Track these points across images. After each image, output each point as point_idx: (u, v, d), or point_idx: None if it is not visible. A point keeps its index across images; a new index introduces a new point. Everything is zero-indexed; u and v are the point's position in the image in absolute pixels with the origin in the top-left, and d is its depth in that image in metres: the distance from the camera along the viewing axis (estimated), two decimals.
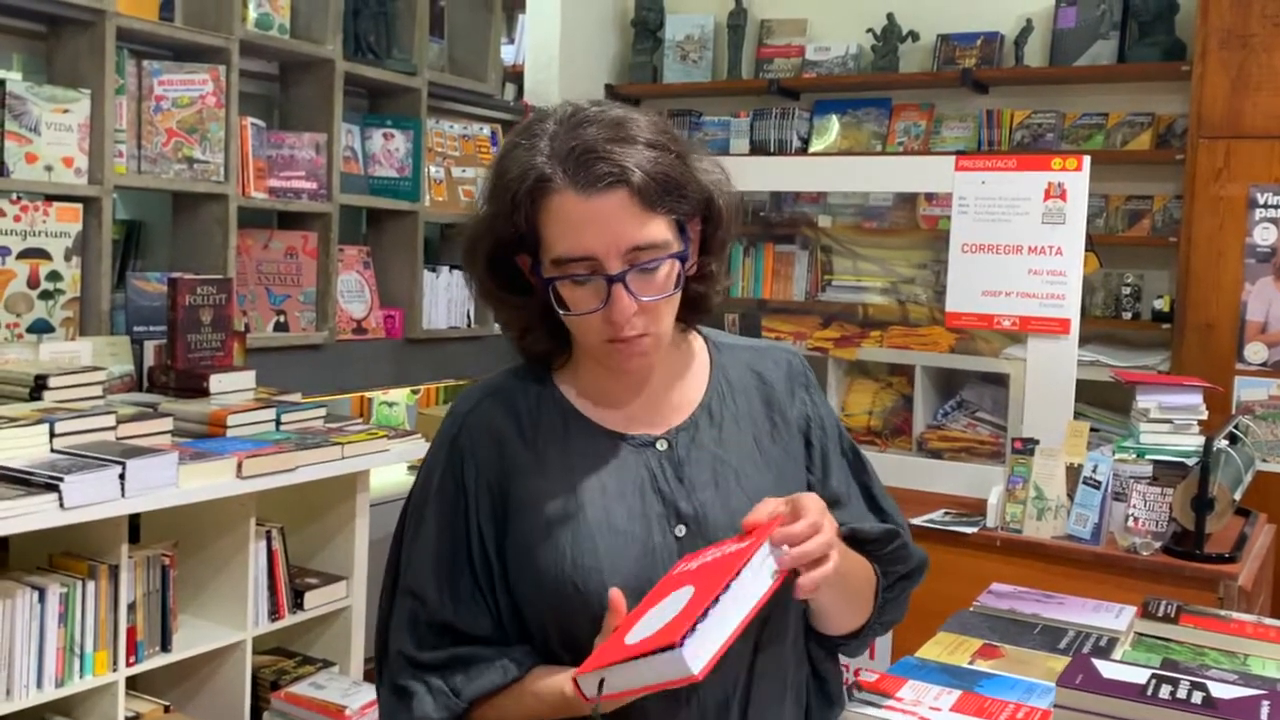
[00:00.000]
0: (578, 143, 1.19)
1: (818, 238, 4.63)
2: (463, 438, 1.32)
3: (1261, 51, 3.97)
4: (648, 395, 1.34)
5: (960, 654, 1.69)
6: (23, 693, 2.26)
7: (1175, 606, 1.88)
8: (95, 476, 2.26)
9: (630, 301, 1.21)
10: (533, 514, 1.27)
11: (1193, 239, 4.10)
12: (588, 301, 1.22)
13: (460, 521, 1.30)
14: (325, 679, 2.87)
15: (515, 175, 1.21)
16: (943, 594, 1.49)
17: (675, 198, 1.22)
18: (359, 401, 4.32)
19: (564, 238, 1.20)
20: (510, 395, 1.34)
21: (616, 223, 1.19)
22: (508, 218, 1.22)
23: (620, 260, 1.20)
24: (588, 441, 1.31)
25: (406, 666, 1.29)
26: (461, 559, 1.29)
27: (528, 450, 1.30)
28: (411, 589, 1.31)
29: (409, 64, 3.88)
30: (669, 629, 1.07)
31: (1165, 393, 3.03)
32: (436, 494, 1.32)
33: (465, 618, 1.28)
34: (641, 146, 1.20)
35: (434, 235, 4.23)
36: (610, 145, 1.19)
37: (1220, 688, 1.32)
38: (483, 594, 1.29)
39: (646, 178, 1.19)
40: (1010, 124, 4.67)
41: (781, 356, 1.44)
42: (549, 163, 1.20)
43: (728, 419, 1.36)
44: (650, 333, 1.25)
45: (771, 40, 5.17)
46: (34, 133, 2.84)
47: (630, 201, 1.19)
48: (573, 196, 1.19)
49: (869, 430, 4.25)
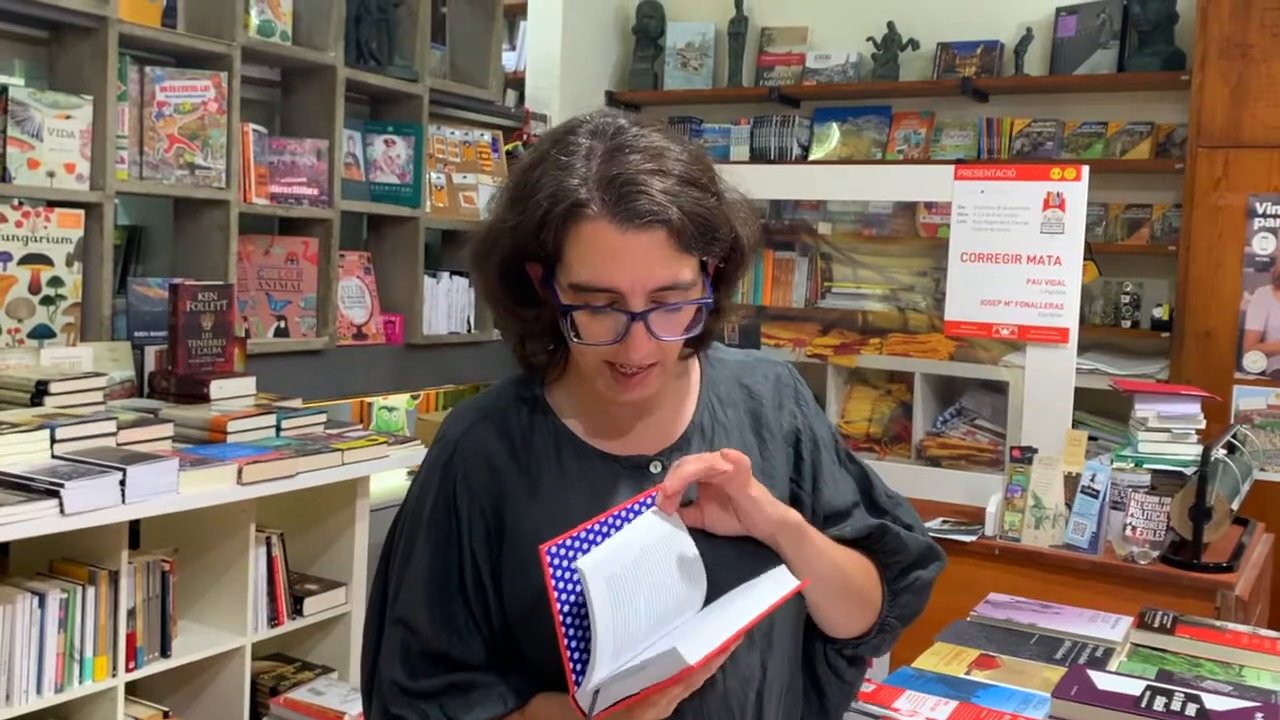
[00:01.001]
0: (620, 172, 1.15)
1: (817, 245, 4.63)
2: (455, 462, 1.29)
3: (1261, 61, 3.98)
4: (641, 414, 1.32)
5: (957, 664, 1.70)
6: (22, 698, 2.27)
7: (1171, 617, 1.89)
8: (96, 482, 2.26)
9: (648, 340, 1.18)
10: (527, 539, 1.23)
11: (1192, 248, 4.11)
12: (603, 333, 1.19)
13: (453, 548, 1.27)
14: (324, 685, 2.87)
15: (549, 193, 1.16)
16: (940, 603, 1.50)
17: (708, 240, 1.19)
18: (359, 407, 4.33)
19: (591, 266, 1.15)
20: (503, 417, 1.31)
21: (648, 262, 1.15)
22: (533, 233, 1.17)
23: (644, 299, 1.16)
24: (581, 465, 1.29)
25: (401, 696, 1.26)
26: (454, 586, 1.26)
27: (521, 474, 1.28)
28: (402, 618, 1.28)
29: (410, 70, 3.89)
30: None
31: (1163, 402, 3.04)
32: (429, 520, 1.28)
33: (459, 646, 1.25)
34: (682, 183, 1.16)
35: (435, 241, 4.23)
36: (652, 179, 1.15)
37: (1215, 699, 1.32)
38: (476, 622, 1.26)
39: (685, 219, 1.15)
40: (1010, 132, 4.68)
41: (770, 370, 1.42)
42: (586, 187, 1.15)
43: (718, 434, 1.34)
44: (658, 363, 1.22)
45: (772, 48, 5.18)
46: (36, 139, 2.85)
47: (666, 241, 1.15)
48: (607, 227, 1.14)
49: (868, 437, 4.25)
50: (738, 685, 1.25)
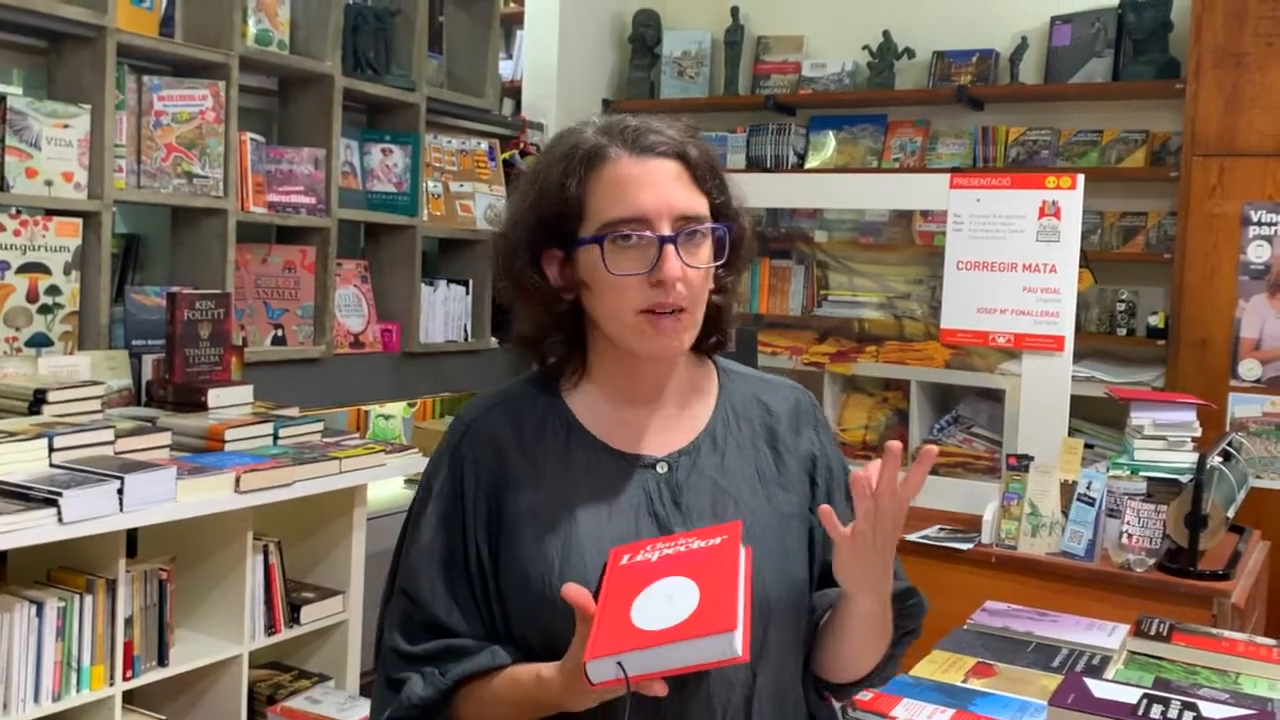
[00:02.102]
0: (627, 126, 1.28)
1: (814, 253, 4.65)
2: (465, 445, 1.34)
3: (1255, 70, 4.00)
4: (655, 417, 1.35)
5: (954, 672, 1.71)
6: (20, 707, 2.26)
7: (1168, 625, 1.89)
8: (94, 491, 2.26)
9: (678, 263, 1.24)
10: (526, 524, 1.29)
11: (1187, 255, 4.12)
12: (636, 262, 1.25)
13: (457, 527, 1.32)
14: (321, 693, 2.87)
15: (566, 150, 1.28)
16: (937, 611, 1.50)
17: (718, 186, 1.30)
18: (356, 415, 4.33)
19: (618, 200, 1.25)
20: (516, 406, 1.36)
21: (670, 187, 1.26)
22: (557, 191, 1.27)
23: (670, 223, 1.25)
24: (587, 457, 1.32)
25: (399, 660, 1.31)
26: (458, 564, 1.31)
27: (527, 461, 1.32)
28: (406, 590, 1.33)
29: (408, 80, 3.90)
30: (708, 616, 1.09)
31: (1159, 409, 3.05)
32: (436, 499, 1.34)
33: (457, 620, 1.30)
34: (688, 135, 1.30)
35: (432, 249, 4.24)
36: (662, 125, 1.29)
37: (1211, 707, 1.33)
38: (475, 600, 1.31)
39: (699, 155, 1.28)
40: (1005, 141, 4.69)
41: (790, 393, 1.45)
42: (601, 135, 1.28)
43: (730, 446, 1.36)
44: (687, 309, 1.27)
45: (768, 56, 5.19)
46: (34, 148, 2.86)
47: (682, 172, 1.27)
48: (627, 159, 1.26)
49: (864, 445, 4.26)
50: (721, 688, 1.26)
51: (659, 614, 1.11)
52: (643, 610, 1.12)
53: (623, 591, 1.16)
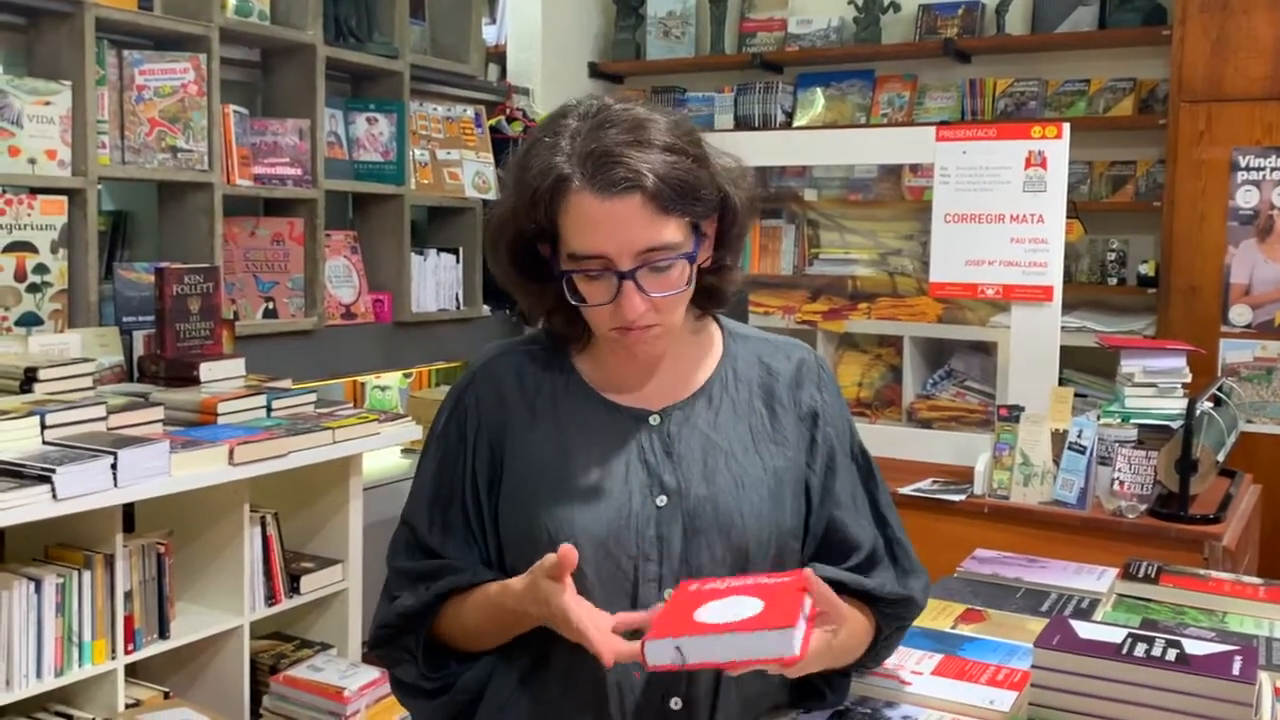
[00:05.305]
0: (597, 145, 1.25)
1: (804, 212, 4.64)
2: (470, 390, 1.43)
3: (1241, 14, 3.98)
4: (654, 376, 1.41)
5: (944, 619, 1.72)
6: (22, 683, 2.28)
7: (1156, 567, 1.91)
8: (87, 467, 2.27)
9: (639, 298, 1.28)
10: (522, 463, 1.37)
11: (1176, 203, 4.12)
12: (600, 295, 1.29)
13: (458, 466, 1.40)
14: (323, 661, 2.90)
15: (537, 172, 1.27)
16: (931, 561, 1.52)
17: (689, 201, 1.27)
18: (352, 386, 4.34)
19: (579, 235, 1.26)
20: (523, 355, 1.43)
21: (629, 226, 1.25)
22: (528, 212, 1.29)
23: (631, 260, 1.26)
24: (583, 406, 1.39)
25: (400, 577, 1.41)
26: (456, 501, 1.40)
27: (526, 408, 1.39)
28: (407, 519, 1.43)
29: (390, 47, 3.88)
30: (771, 615, 1.14)
31: (1149, 357, 3.05)
32: (439, 438, 1.43)
33: (450, 550, 1.39)
34: (659, 151, 1.25)
35: (421, 218, 4.23)
36: (628, 150, 1.24)
37: (1195, 644, 1.34)
38: (472, 534, 1.39)
39: (660, 183, 1.24)
40: (993, 93, 4.68)
41: (795, 352, 1.47)
42: (569, 162, 1.26)
43: (725, 405, 1.41)
44: (660, 323, 1.32)
45: (754, 14, 5.17)
46: (16, 126, 2.84)
47: (644, 206, 1.24)
48: (589, 197, 1.25)
49: (859, 402, 4.27)
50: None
51: (722, 614, 1.17)
52: (706, 612, 1.18)
53: (687, 602, 1.21)
